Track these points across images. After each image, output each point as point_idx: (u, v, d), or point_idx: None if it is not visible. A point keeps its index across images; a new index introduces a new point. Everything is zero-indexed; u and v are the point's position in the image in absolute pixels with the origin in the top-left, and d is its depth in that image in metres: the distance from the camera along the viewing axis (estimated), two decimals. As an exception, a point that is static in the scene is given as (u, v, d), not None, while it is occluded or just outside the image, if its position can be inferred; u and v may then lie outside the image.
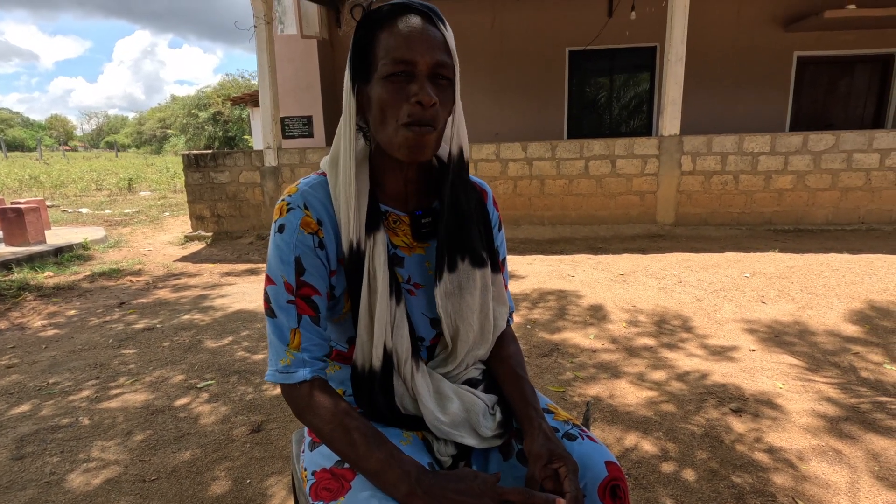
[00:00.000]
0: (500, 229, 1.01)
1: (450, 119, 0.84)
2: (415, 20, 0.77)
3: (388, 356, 0.84)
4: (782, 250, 4.84)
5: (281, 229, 0.82)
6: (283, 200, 0.84)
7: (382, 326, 0.82)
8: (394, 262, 0.87)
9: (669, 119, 5.66)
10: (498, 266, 0.95)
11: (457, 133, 0.85)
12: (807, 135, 5.63)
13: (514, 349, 0.98)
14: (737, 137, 5.68)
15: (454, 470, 0.76)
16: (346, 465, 0.81)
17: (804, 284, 3.72)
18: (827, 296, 3.48)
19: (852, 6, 6.56)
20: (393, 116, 0.77)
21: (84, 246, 5.93)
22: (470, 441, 0.87)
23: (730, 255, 4.76)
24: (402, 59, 0.75)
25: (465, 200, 0.88)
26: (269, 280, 0.83)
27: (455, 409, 0.87)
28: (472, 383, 0.93)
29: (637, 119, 8.19)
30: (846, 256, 4.49)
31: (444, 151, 0.89)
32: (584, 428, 0.91)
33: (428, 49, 0.75)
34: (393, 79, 0.76)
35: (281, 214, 0.83)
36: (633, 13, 7.23)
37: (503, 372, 0.95)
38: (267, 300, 0.83)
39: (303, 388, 0.81)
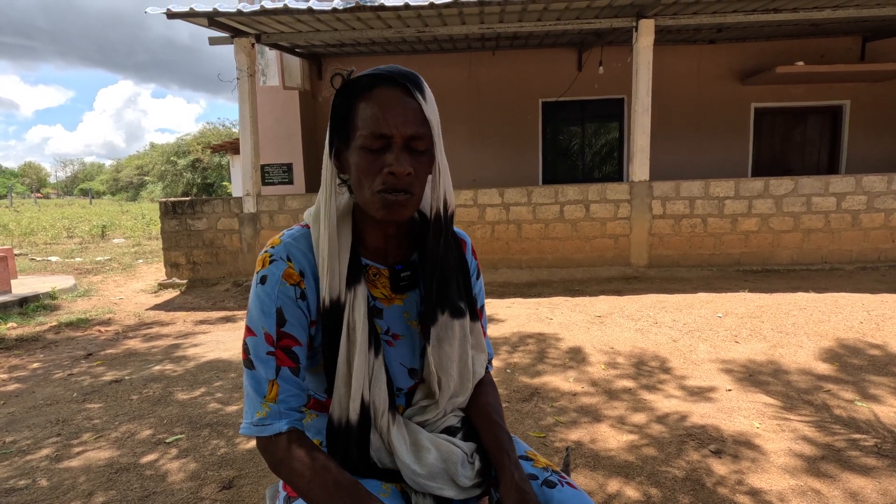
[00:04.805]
0: (478, 278, 1.03)
1: (429, 178, 0.86)
2: (392, 93, 0.79)
3: (365, 409, 0.83)
4: (752, 290, 4.98)
5: (263, 280, 0.83)
6: (265, 252, 0.85)
7: (360, 379, 0.82)
8: (373, 313, 0.88)
9: (639, 165, 5.91)
10: (476, 314, 0.97)
11: (440, 190, 0.87)
12: (767, 180, 5.92)
13: (492, 397, 0.99)
14: (703, 182, 5.94)
15: None
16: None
17: (775, 323, 3.82)
18: (797, 334, 3.57)
19: (800, 63, 7.09)
20: (368, 184, 0.80)
21: (51, 295, 5.74)
22: (448, 492, 0.86)
23: (702, 295, 4.87)
24: (378, 134, 0.78)
25: (445, 254, 0.90)
26: (248, 331, 0.82)
27: (432, 459, 0.86)
28: (450, 431, 0.93)
29: (609, 165, 8.51)
30: (812, 295, 4.64)
31: (426, 207, 0.91)
32: (563, 475, 0.91)
33: (403, 123, 0.78)
34: (369, 150, 0.79)
35: (263, 266, 0.84)
36: (601, 68, 7.67)
37: (480, 419, 0.95)
38: (246, 351, 0.82)
39: (279, 441, 0.79)
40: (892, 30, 7.25)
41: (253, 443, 2.33)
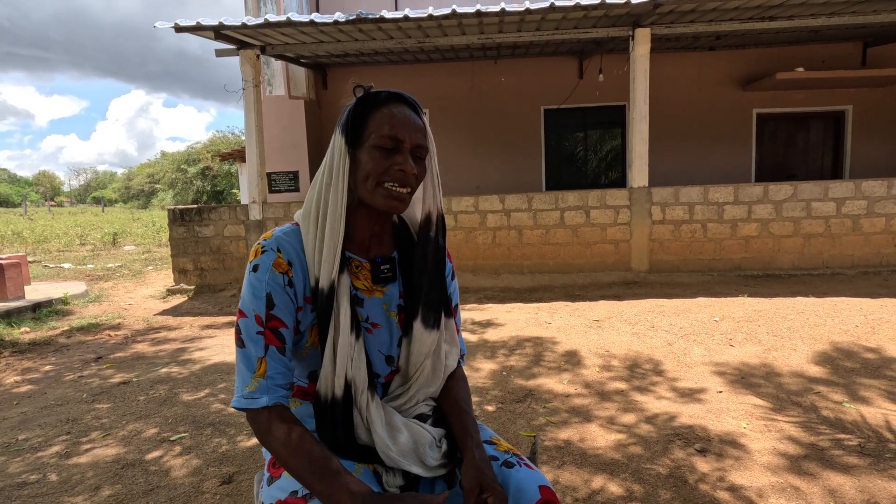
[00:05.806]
0: (453, 278, 1.13)
1: (420, 185, 1.00)
2: (404, 108, 0.95)
3: (348, 386, 0.93)
4: (751, 295, 5.01)
5: (255, 269, 0.93)
6: (258, 244, 0.95)
7: (344, 358, 0.92)
8: (354, 302, 0.98)
9: (638, 172, 5.97)
10: (450, 311, 1.08)
11: (429, 198, 1.01)
12: (767, 185, 5.95)
13: (463, 391, 1.08)
14: (702, 188, 5.98)
15: (401, 493, 0.84)
16: (300, 495, 0.87)
17: (770, 327, 3.85)
18: (791, 338, 3.60)
19: (800, 69, 7.12)
20: (376, 177, 0.92)
21: (64, 301, 5.89)
22: (416, 469, 0.94)
23: (701, 300, 4.91)
24: (393, 137, 0.92)
25: (428, 256, 1.02)
26: (241, 313, 0.92)
27: (404, 440, 0.95)
28: (421, 418, 1.02)
29: (614, 171, 8.57)
30: (811, 300, 4.66)
31: (413, 213, 1.04)
32: (522, 457, 0.99)
33: (413, 132, 0.94)
34: (382, 148, 0.92)
35: (255, 256, 0.94)
36: (601, 75, 7.75)
37: (450, 408, 1.04)
38: (238, 332, 0.92)
39: (264, 414, 0.89)
40: (893, 35, 7.26)
41: (252, 441, 2.42)
